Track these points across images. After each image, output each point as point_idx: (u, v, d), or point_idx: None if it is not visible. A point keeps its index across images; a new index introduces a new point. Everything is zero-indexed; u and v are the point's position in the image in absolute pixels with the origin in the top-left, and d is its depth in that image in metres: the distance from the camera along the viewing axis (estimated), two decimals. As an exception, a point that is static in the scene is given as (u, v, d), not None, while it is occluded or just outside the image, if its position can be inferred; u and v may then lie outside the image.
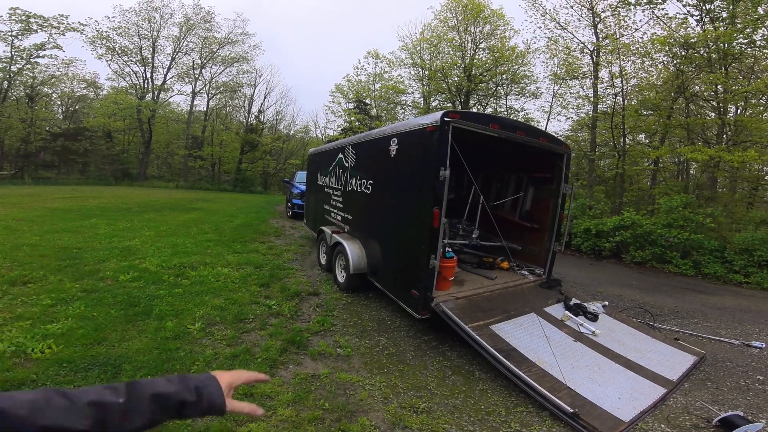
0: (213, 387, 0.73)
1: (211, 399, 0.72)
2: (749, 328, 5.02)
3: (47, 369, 2.79)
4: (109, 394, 0.63)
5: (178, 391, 0.69)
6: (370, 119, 22.99)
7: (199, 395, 0.71)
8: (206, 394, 0.72)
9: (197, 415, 0.71)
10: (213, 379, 0.75)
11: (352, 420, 2.57)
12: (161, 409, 0.67)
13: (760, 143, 10.60)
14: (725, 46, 10.10)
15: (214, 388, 0.73)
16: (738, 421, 2.63)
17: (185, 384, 0.71)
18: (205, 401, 0.71)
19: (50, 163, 25.37)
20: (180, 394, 0.69)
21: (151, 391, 0.66)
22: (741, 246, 8.26)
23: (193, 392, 0.70)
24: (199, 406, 0.71)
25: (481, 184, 6.20)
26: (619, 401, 2.80)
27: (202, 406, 0.71)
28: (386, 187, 4.61)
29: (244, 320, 4.03)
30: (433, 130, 3.64)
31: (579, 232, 10.45)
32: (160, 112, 27.20)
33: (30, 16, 21.54)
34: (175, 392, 0.68)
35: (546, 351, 3.26)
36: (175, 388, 0.69)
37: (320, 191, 7.23)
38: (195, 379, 0.73)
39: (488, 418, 2.70)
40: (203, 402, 0.71)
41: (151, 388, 0.67)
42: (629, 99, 13.45)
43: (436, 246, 3.62)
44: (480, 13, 17.83)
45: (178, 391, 0.69)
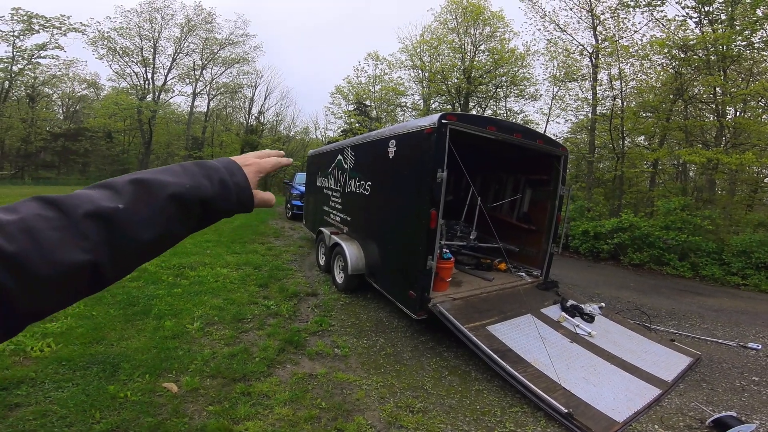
0: (240, 176, 0.59)
1: (239, 192, 0.58)
2: (746, 329, 5.04)
3: (46, 367, 2.81)
4: (107, 198, 0.48)
5: (197, 185, 0.54)
6: (370, 121, 23.01)
7: (224, 187, 0.57)
8: (233, 185, 0.58)
9: (223, 213, 0.58)
10: (238, 168, 0.60)
11: (349, 419, 2.59)
12: (181, 211, 0.52)
13: (758, 145, 10.64)
14: (724, 48, 10.14)
15: (241, 177, 0.59)
16: (731, 421, 2.65)
17: (206, 173, 0.56)
18: (233, 195, 0.57)
19: (50, 163, 25.44)
20: (200, 189, 0.54)
21: (167, 191, 0.51)
22: (739, 248, 8.29)
23: (216, 184, 0.56)
24: (227, 201, 0.57)
25: (479, 185, 6.23)
26: (614, 402, 2.82)
27: (230, 201, 0.57)
28: (384, 188, 4.63)
29: (243, 320, 4.06)
30: (430, 132, 3.67)
31: (577, 234, 10.47)
32: (161, 112, 27.21)
33: (32, 17, 21.62)
34: (194, 186, 0.53)
35: (542, 352, 3.28)
36: (192, 182, 0.54)
37: (319, 192, 7.26)
38: (216, 169, 0.57)
39: (483, 418, 2.72)
40: (230, 197, 0.57)
41: (165, 187, 0.51)
42: (628, 101, 13.49)
43: (433, 247, 3.65)
44: (480, 15, 17.87)
45: (198, 185, 0.54)
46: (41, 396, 2.51)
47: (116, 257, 0.46)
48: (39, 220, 0.42)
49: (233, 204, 0.58)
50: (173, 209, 0.51)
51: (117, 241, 0.46)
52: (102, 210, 0.45)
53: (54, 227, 0.42)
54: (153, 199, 0.50)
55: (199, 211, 0.55)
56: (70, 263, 0.42)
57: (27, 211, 0.42)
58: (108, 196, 0.47)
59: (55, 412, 2.36)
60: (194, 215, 0.55)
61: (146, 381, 2.77)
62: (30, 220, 0.41)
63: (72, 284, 0.44)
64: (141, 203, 0.49)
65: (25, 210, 0.42)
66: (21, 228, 0.40)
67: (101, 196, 0.47)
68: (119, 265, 0.48)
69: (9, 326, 0.41)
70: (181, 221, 0.53)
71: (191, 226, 0.56)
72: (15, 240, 0.39)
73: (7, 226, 0.40)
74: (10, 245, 0.39)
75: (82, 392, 2.57)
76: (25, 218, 0.41)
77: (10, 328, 0.41)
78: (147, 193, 0.50)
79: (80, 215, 0.44)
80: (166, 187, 0.51)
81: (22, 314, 0.41)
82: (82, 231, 0.43)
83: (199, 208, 0.54)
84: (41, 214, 0.42)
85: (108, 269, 0.46)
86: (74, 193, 0.46)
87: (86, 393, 2.56)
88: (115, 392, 2.59)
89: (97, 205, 0.45)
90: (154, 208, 0.49)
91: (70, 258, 0.42)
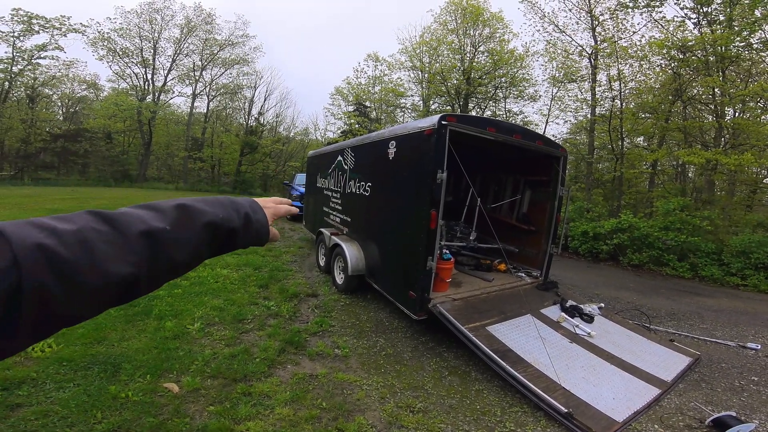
0: (261, 214, 0.68)
1: (258, 228, 0.67)
2: (745, 330, 5.05)
3: (47, 367, 2.81)
4: (155, 218, 0.53)
5: (229, 217, 0.62)
6: (369, 122, 23.04)
7: (248, 221, 0.65)
8: (255, 222, 0.66)
9: (242, 244, 0.65)
10: (260, 207, 0.69)
11: (349, 419, 2.60)
12: (211, 237, 0.59)
13: (757, 146, 10.66)
14: (722, 49, 10.18)
15: (262, 215, 0.68)
16: (730, 421, 2.66)
17: (235, 208, 0.64)
18: (253, 230, 0.66)
19: (50, 164, 25.39)
20: (231, 221, 0.62)
21: (205, 219, 0.58)
22: (738, 249, 8.30)
23: (242, 218, 0.64)
24: (248, 234, 0.65)
25: (479, 186, 6.25)
26: (614, 402, 2.83)
27: (250, 234, 0.66)
28: (384, 189, 4.64)
29: (243, 321, 4.07)
30: (430, 133, 3.68)
31: (577, 235, 10.49)
32: (161, 113, 27.25)
33: (32, 17, 21.63)
34: (226, 218, 0.61)
35: (541, 352, 3.29)
36: (224, 214, 0.61)
37: (319, 193, 7.27)
38: (243, 206, 0.66)
39: (484, 418, 2.73)
40: (251, 231, 0.65)
41: (203, 215, 0.58)
42: (627, 102, 13.53)
43: (433, 248, 3.66)
44: (479, 17, 17.91)
45: (229, 217, 0.62)
46: (42, 396, 2.51)
47: (153, 273, 0.51)
48: (93, 233, 0.46)
49: (252, 237, 0.66)
50: (206, 235, 0.58)
51: (158, 259, 0.51)
52: (153, 229, 0.51)
53: (106, 241, 0.46)
54: (193, 224, 0.56)
55: (225, 239, 0.62)
56: (116, 275, 0.46)
57: (83, 223, 0.46)
58: (156, 217, 0.53)
59: (57, 413, 2.36)
60: (219, 242, 0.61)
61: (147, 381, 2.78)
62: (86, 232, 0.45)
63: (111, 294, 0.47)
64: (183, 227, 0.55)
65: (80, 222, 0.46)
66: (78, 238, 0.44)
67: (150, 217, 0.52)
68: (153, 280, 0.52)
69: (44, 329, 0.43)
70: (209, 246, 0.60)
71: (214, 252, 0.62)
72: (71, 248, 0.42)
73: (65, 235, 0.43)
74: (66, 252, 0.42)
75: (83, 392, 2.57)
76: (81, 229, 0.45)
77: (44, 332, 0.43)
78: (188, 218, 0.56)
79: (134, 232, 0.49)
80: (204, 215, 0.58)
81: (59, 318, 0.43)
82: (132, 247, 0.48)
83: (225, 236, 0.62)
84: (95, 227, 0.46)
85: (143, 283, 0.50)
86: (125, 210, 0.52)
87: (87, 393, 2.57)
88: (117, 392, 2.59)
89: (148, 225, 0.51)
90: (193, 232, 0.56)
91: (117, 270, 0.46)
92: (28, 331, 0.41)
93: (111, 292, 0.47)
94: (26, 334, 0.41)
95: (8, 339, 0.40)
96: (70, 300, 0.42)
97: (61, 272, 0.41)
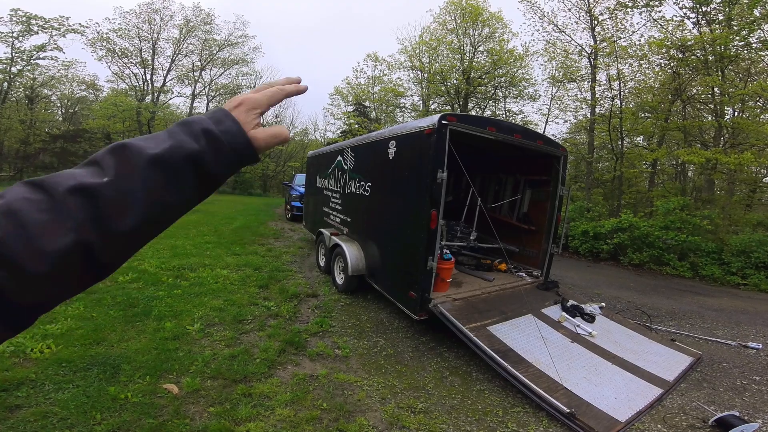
0: (228, 122, 0.50)
1: (232, 140, 0.50)
2: (746, 329, 5.05)
3: (47, 369, 2.80)
4: (90, 173, 0.44)
5: (178, 143, 0.47)
6: (369, 122, 23.02)
7: (211, 139, 0.49)
8: (221, 134, 0.49)
9: (220, 170, 0.50)
10: (225, 114, 0.51)
11: (350, 420, 2.59)
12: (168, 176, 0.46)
13: (756, 145, 10.67)
14: (722, 48, 10.18)
15: (230, 123, 0.50)
16: (734, 421, 2.65)
17: (188, 129, 0.49)
18: (225, 147, 0.49)
19: (49, 164, 25.32)
20: (182, 147, 0.47)
21: (146, 156, 0.45)
22: (738, 248, 8.30)
23: (200, 137, 0.48)
24: (219, 155, 0.49)
25: (479, 186, 6.24)
26: (616, 401, 2.82)
27: (223, 154, 0.49)
28: (385, 189, 4.63)
29: (243, 321, 4.05)
30: (430, 132, 3.67)
31: (577, 235, 10.48)
32: (160, 114, 27.22)
33: (31, 18, 21.58)
34: (174, 146, 0.47)
35: (543, 352, 3.28)
36: (172, 141, 0.47)
37: (319, 194, 7.26)
38: (198, 121, 0.50)
39: (485, 419, 2.71)
40: (222, 149, 0.49)
41: (143, 152, 0.45)
42: (627, 102, 13.54)
43: (433, 248, 3.65)
44: (478, 16, 17.92)
45: (179, 143, 0.47)
46: (42, 397, 2.50)
47: (108, 237, 0.43)
48: (24, 203, 0.39)
49: (227, 156, 0.50)
50: (158, 176, 0.46)
51: (105, 219, 0.42)
52: (85, 185, 0.42)
53: (39, 209, 0.39)
54: (135, 167, 0.45)
55: (191, 173, 0.48)
56: (59, 246, 0.39)
57: (12, 195, 0.40)
58: (91, 172, 0.44)
59: (56, 414, 2.35)
60: (186, 180, 0.48)
61: (147, 382, 2.76)
62: (14, 203, 0.39)
63: (67, 270, 0.41)
64: (123, 174, 0.44)
65: (10, 194, 0.40)
66: (4, 211, 0.38)
67: (84, 172, 0.44)
68: (114, 247, 0.44)
69: (11, 321, 0.39)
70: (173, 189, 0.47)
71: (188, 195, 0.49)
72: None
73: None
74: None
75: (82, 394, 2.56)
76: (9, 201, 0.39)
77: (13, 323, 0.39)
78: (126, 162, 0.45)
79: (62, 193, 0.41)
80: (144, 151, 0.46)
81: (22, 307, 0.39)
82: (66, 210, 0.40)
83: (190, 170, 0.48)
84: (27, 197, 0.40)
85: (101, 251, 0.42)
86: (59, 173, 0.43)
87: (87, 394, 2.55)
88: (116, 394, 2.58)
89: (79, 180, 0.42)
90: (138, 177, 0.45)
91: (57, 241, 0.39)
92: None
93: (65, 269, 0.40)
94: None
95: None
96: (20, 286, 0.37)
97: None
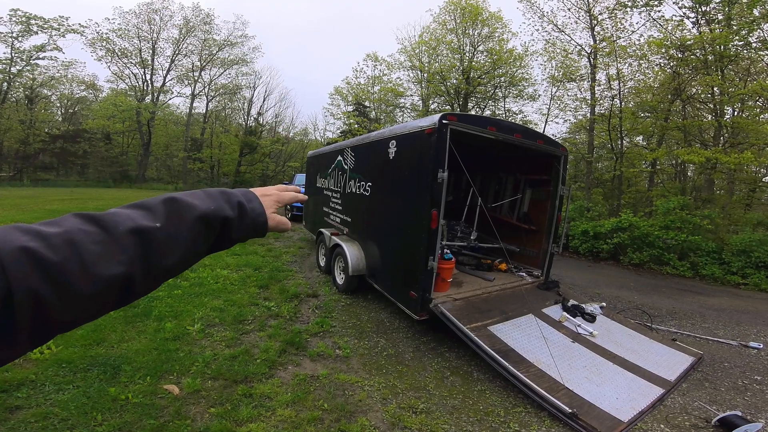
0: (256, 203, 0.64)
1: (254, 216, 0.63)
2: (747, 329, 5.04)
3: (46, 369, 2.79)
4: (144, 216, 0.51)
5: (220, 207, 0.59)
6: (369, 122, 23.02)
7: (242, 211, 0.61)
8: (249, 210, 0.62)
9: (239, 236, 0.62)
10: (254, 195, 0.66)
11: (351, 420, 2.58)
12: (205, 231, 0.56)
13: (756, 145, 10.67)
14: (721, 48, 10.18)
15: (257, 203, 0.64)
16: (737, 420, 2.65)
17: (227, 198, 0.61)
18: (249, 219, 0.62)
19: (49, 165, 25.37)
20: (222, 211, 0.58)
21: (196, 213, 0.55)
22: (738, 247, 8.30)
23: (235, 208, 0.60)
24: (243, 224, 0.61)
25: (479, 186, 6.24)
26: (617, 401, 2.81)
27: (246, 224, 0.62)
28: (385, 189, 4.63)
29: (244, 321, 4.04)
30: (431, 132, 3.67)
31: (577, 234, 10.48)
32: (160, 114, 27.23)
33: (30, 18, 21.59)
34: (217, 209, 0.58)
35: (544, 352, 3.27)
36: (216, 205, 0.58)
37: (319, 194, 7.26)
38: (235, 194, 0.63)
39: (487, 419, 2.71)
40: (246, 220, 0.61)
41: (193, 209, 0.56)
42: (626, 101, 13.54)
43: (434, 247, 3.64)
44: (478, 16, 17.92)
45: (221, 208, 0.59)
46: (42, 398, 2.49)
47: (148, 271, 0.49)
48: (81, 234, 0.44)
49: (249, 227, 0.62)
50: (199, 229, 0.55)
51: (153, 257, 0.49)
52: (142, 227, 0.49)
53: (95, 241, 0.45)
54: (183, 218, 0.54)
55: (219, 232, 0.59)
56: (108, 275, 0.44)
57: (69, 226, 0.45)
58: (145, 215, 0.51)
59: (57, 415, 2.34)
60: (214, 235, 0.59)
61: (147, 383, 2.76)
62: (73, 233, 0.44)
63: (106, 296, 0.46)
64: (173, 222, 0.53)
65: (67, 224, 0.45)
66: (65, 240, 0.42)
67: (139, 215, 0.51)
68: (149, 280, 0.50)
69: (40, 335, 0.42)
70: (204, 241, 0.57)
71: (211, 247, 0.60)
72: (58, 250, 0.41)
73: (52, 238, 0.42)
74: (54, 255, 0.41)
75: (83, 394, 2.55)
76: (68, 231, 0.44)
77: (41, 338, 0.42)
78: (178, 213, 0.54)
79: (122, 231, 0.47)
80: (195, 208, 0.55)
81: (56, 324, 0.42)
82: (122, 246, 0.47)
83: (220, 228, 0.58)
84: (83, 228, 0.45)
85: (139, 283, 0.49)
86: (113, 211, 0.50)
87: (87, 395, 2.55)
88: (117, 394, 2.57)
89: (137, 222, 0.49)
90: (185, 227, 0.54)
91: (108, 271, 0.44)
92: (25, 338, 0.40)
93: (106, 294, 0.45)
94: (24, 341, 0.40)
95: (6, 347, 0.39)
96: (64, 305, 0.41)
97: (51, 276, 0.40)
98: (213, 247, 0.60)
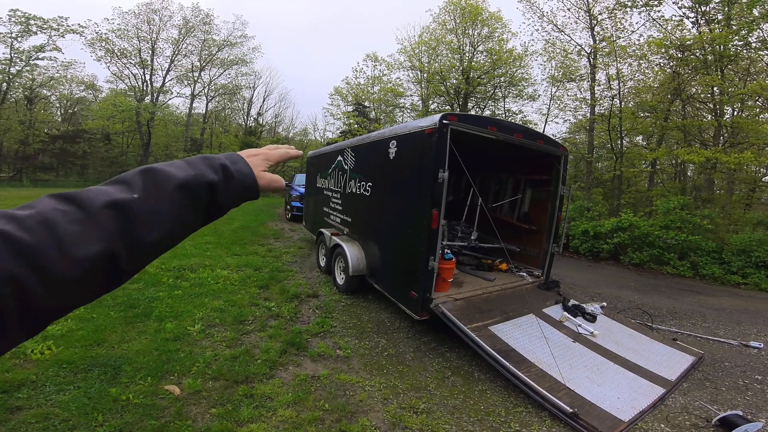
0: (242, 164, 0.61)
1: (242, 178, 0.59)
2: (747, 328, 5.04)
3: (47, 370, 2.79)
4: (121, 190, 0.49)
5: (201, 173, 0.55)
6: (369, 122, 23.02)
7: (227, 174, 0.58)
8: (235, 172, 0.59)
9: (228, 201, 0.58)
10: (240, 158, 0.62)
11: (352, 420, 2.58)
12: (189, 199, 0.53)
13: (756, 145, 10.68)
14: (721, 48, 10.19)
15: (243, 164, 0.61)
16: (738, 420, 2.65)
17: (209, 163, 0.57)
18: (236, 182, 0.59)
19: (49, 165, 25.36)
20: (204, 176, 0.55)
21: (175, 181, 0.52)
22: (738, 247, 8.30)
23: (219, 171, 0.57)
24: (231, 188, 0.58)
25: (480, 186, 6.23)
26: (618, 401, 2.81)
27: (234, 187, 0.58)
28: (385, 189, 4.63)
29: (244, 322, 4.04)
30: (431, 132, 3.67)
31: (577, 234, 10.48)
32: (159, 114, 27.19)
33: (30, 18, 21.56)
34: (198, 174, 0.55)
35: (545, 351, 3.27)
36: (196, 171, 0.55)
37: (319, 194, 7.25)
38: (218, 158, 0.60)
39: (488, 419, 2.71)
40: (234, 183, 0.58)
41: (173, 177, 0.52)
42: (626, 101, 13.54)
43: (434, 247, 3.64)
44: (478, 16, 17.92)
45: (202, 173, 0.55)
46: (42, 399, 2.49)
47: (133, 248, 0.47)
48: (56, 213, 0.42)
49: (237, 190, 0.59)
50: (183, 198, 0.53)
51: (134, 231, 0.47)
52: (118, 200, 0.46)
53: (71, 220, 0.43)
54: (163, 188, 0.51)
55: (207, 199, 0.56)
56: (88, 254, 0.42)
57: (43, 206, 0.43)
58: (121, 189, 0.49)
59: (57, 415, 2.34)
60: (202, 203, 0.56)
61: (148, 383, 2.75)
62: (47, 214, 0.42)
63: (92, 277, 0.44)
64: (152, 193, 0.50)
65: (41, 205, 0.43)
66: (39, 220, 0.41)
67: (115, 189, 0.48)
68: (136, 257, 0.48)
69: (31, 324, 0.40)
70: (191, 210, 0.54)
71: (200, 217, 0.57)
72: (34, 232, 0.39)
73: (26, 220, 0.40)
74: (30, 237, 0.39)
75: (83, 395, 2.55)
76: (42, 212, 0.42)
77: (31, 326, 0.40)
78: (157, 183, 0.51)
79: (97, 207, 0.45)
80: (174, 177, 0.52)
81: (43, 311, 0.40)
82: (98, 222, 0.44)
83: (207, 195, 0.55)
84: (58, 208, 0.43)
85: (125, 261, 0.46)
86: (88, 189, 0.47)
87: (88, 396, 2.54)
88: (117, 395, 2.57)
89: (112, 196, 0.47)
90: (166, 197, 0.51)
91: (88, 249, 0.42)
92: (16, 328, 0.38)
93: (91, 275, 0.43)
94: (16, 330, 0.39)
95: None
96: (48, 290, 0.39)
97: (28, 259, 0.38)
98: (202, 216, 0.57)
